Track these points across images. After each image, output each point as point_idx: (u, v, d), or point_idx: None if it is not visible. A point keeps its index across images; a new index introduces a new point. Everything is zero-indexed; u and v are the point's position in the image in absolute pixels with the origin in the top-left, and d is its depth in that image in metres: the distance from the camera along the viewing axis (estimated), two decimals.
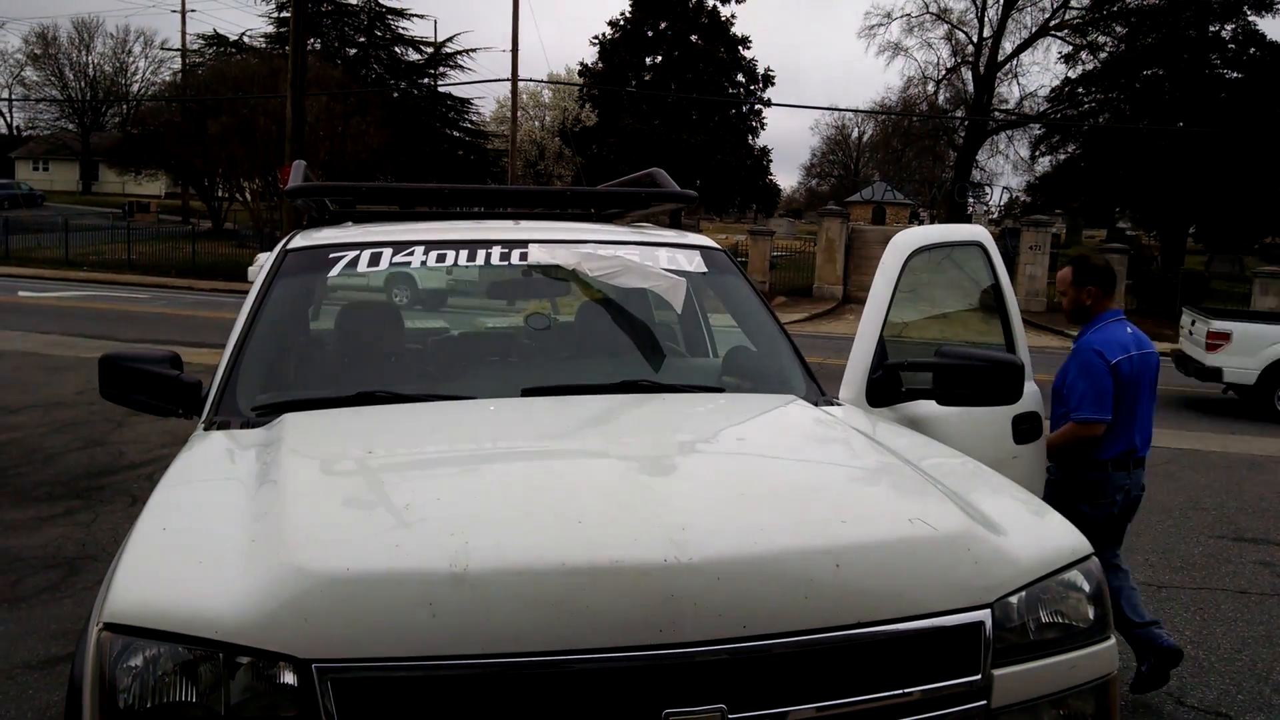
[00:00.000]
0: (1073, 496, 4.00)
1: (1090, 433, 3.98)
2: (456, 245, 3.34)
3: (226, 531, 1.93)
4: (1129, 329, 4.19)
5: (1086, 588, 2.08)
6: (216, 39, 47.33)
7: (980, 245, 3.58)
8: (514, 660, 1.67)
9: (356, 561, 1.74)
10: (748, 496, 2.10)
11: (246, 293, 3.29)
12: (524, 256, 3.29)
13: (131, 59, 66.26)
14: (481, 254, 3.32)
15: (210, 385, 2.93)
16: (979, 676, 1.89)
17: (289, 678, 1.67)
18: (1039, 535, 2.12)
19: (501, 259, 3.31)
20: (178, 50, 51.10)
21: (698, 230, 4.75)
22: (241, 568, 1.78)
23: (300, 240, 3.45)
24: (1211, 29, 37.52)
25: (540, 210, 4.27)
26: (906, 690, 1.83)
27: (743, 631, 1.73)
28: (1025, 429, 3.48)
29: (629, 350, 3.22)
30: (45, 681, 3.97)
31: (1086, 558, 2.11)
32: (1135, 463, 4.15)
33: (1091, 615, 2.07)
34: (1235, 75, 36.98)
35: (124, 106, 61.69)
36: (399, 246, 3.29)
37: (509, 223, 3.79)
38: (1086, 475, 4.07)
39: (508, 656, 1.67)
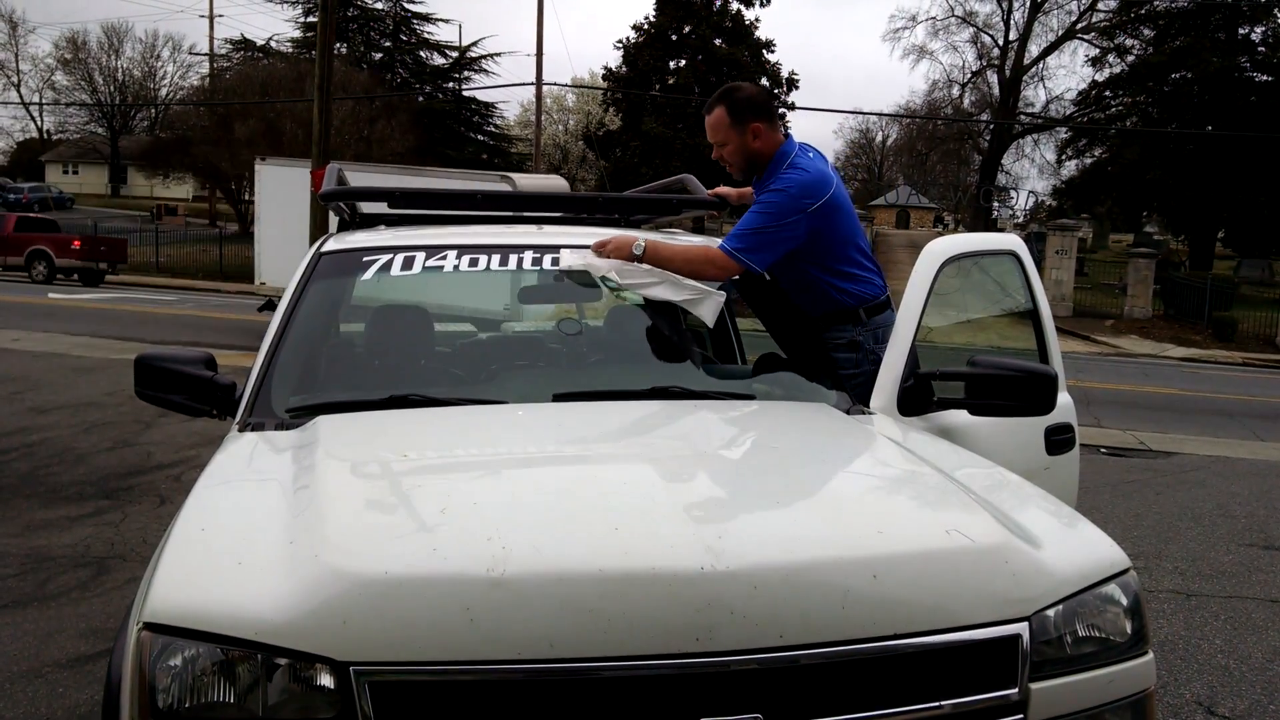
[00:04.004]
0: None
1: None
2: (488, 250, 3.35)
3: (265, 533, 1.95)
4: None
5: (1124, 602, 2.06)
6: (244, 44, 47.86)
7: (1014, 254, 3.55)
8: (551, 665, 1.68)
9: (395, 564, 1.75)
10: (784, 505, 2.10)
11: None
12: (555, 261, 3.30)
13: (160, 64, 67.11)
14: (513, 259, 3.33)
15: (244, 387, 2.95)
16: (1016, 690, 1.87)
17: (327, 679, 1.68)
18: (1076, 548, 2.11)
19: (533, 264, 3.32)
20: (205, 55, 51.75)
21: (721, 235, 4.74)
22: (280, 569, 1.79)
23: (334, 244, 3.48)
24: (1241, 32, 37.25)
25: (567, 215, 4.28)
26: (942, 703, 1.82)
27: (779, 641, 1.73)
28: (1058, 440, 3.45)
29: (659, 356, 3.22)
30: (75, 680, 4.00)
31: (1124, 571, 2.09)
32: None
33: (1129, 629, 2.05)
34: (1265, 78, 36.64)
35: (152, 110, 62.40)
36: (432, 250, 3.31)
37: (537, 227, 3.80)
38: None
39: (545, 662, 1.68)
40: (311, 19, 41.93)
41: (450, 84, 48.61)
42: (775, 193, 3.40)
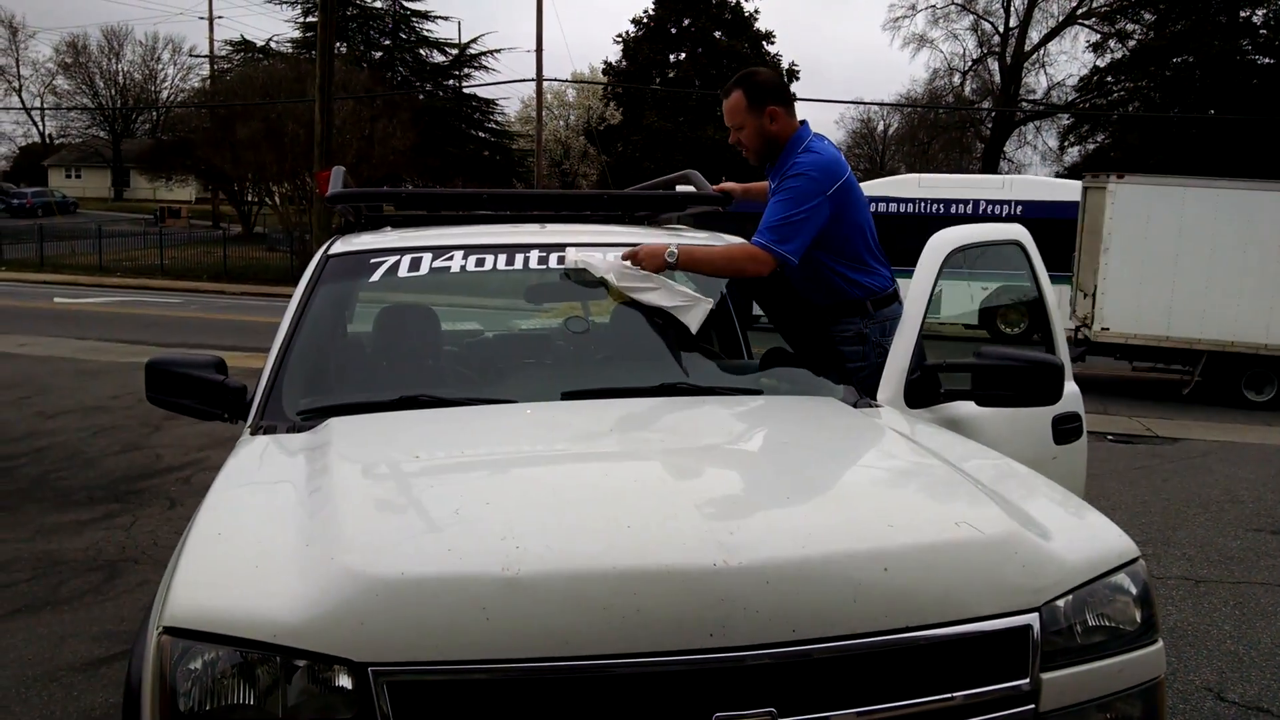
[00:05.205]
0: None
1: None
2: (495, 249, 3.37)
3: (281, 536, 1.97)
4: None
5: (1134, 591, 2.07)
6: (244, 45, 47.75)
7: (1019, 244, 3.55)
8: (567, 664, 1.69)
9: (410, 565, 1.77)
10: (794, 499, 2.11)
11: (277, 296, 3.34)
12: (562, 260, 3.31)
13: (160, 66, 67.00)
14: (520, 258, 3.35)
15: (255, 389, 2.97)
16: (1027, 680, 1.89)
17: (345, 681, 1.70)
18: (1085, 538, 2.12)
19: (540, 263, 3.33)
20: (206, 57, 51.78)
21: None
22: (297, 571, 1.81)
23: (341, 246, 3.50)
24: (1242, 14, 37.05)
25: (570, 213, 4.29)
26: (954, 694, 1.83)
27: (792, 635, 1.74)
28: (1065, 429, 3.45)
29: (666, 353, 3.23)
30: (89, 683, 4.03)
31: (1133, 560, 2.10)
32: None
33: (1139, 618, 2.06)
34: (1267, 61, 36.46)
35: (154, 113, 62.36)
36: (438, 251, 3.33)
37: (541, 225, 3.82)
38: None
39: (561, 660, 1.69)
40: (311, 19, 41.84)
41: (450, 81, 48.53)
42: (794, 178, 3.42)
